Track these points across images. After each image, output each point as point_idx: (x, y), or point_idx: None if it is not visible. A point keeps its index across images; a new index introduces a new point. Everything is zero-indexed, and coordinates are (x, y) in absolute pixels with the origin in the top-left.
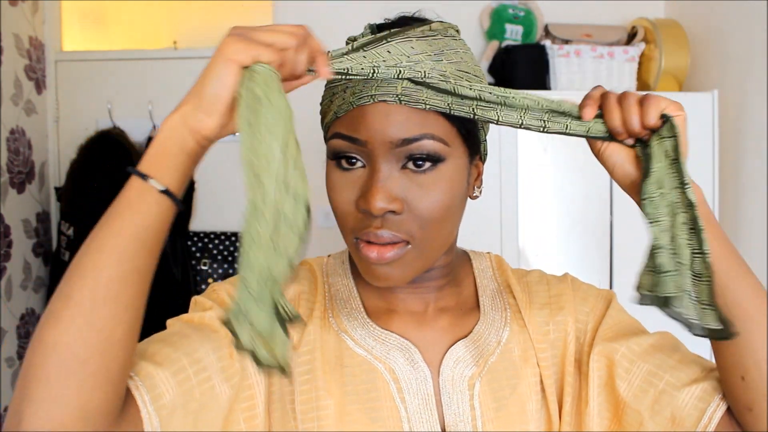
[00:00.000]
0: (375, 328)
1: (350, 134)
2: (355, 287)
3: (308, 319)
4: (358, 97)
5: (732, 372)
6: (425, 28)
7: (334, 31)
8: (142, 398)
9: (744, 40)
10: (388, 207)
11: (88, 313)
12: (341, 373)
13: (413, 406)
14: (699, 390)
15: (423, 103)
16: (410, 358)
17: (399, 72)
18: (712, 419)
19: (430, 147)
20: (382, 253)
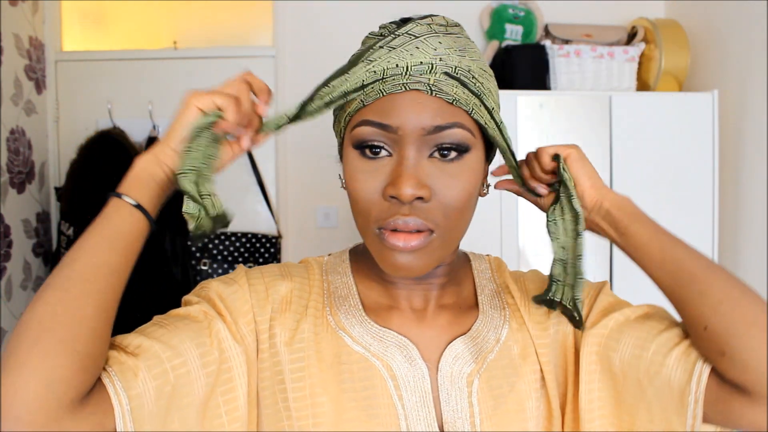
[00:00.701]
0: (373, 325)
1: (381, 120)
2: (355, 285)
3: (302, 316)
4: (390, 85)
5: (695, 326)
6: (444, 23)
7: (334, 31)
8: (111, 382)
9: (744, 40)
10: (418, 193)
11: (60, 291)
12: (338, 370)
13: (410, 403)
14: (681, 350)
15: (452, 97)
16: (408, 356)
17: (432, 67)
18: (702, 376)
19: (460, 136)
20: (409, 241)
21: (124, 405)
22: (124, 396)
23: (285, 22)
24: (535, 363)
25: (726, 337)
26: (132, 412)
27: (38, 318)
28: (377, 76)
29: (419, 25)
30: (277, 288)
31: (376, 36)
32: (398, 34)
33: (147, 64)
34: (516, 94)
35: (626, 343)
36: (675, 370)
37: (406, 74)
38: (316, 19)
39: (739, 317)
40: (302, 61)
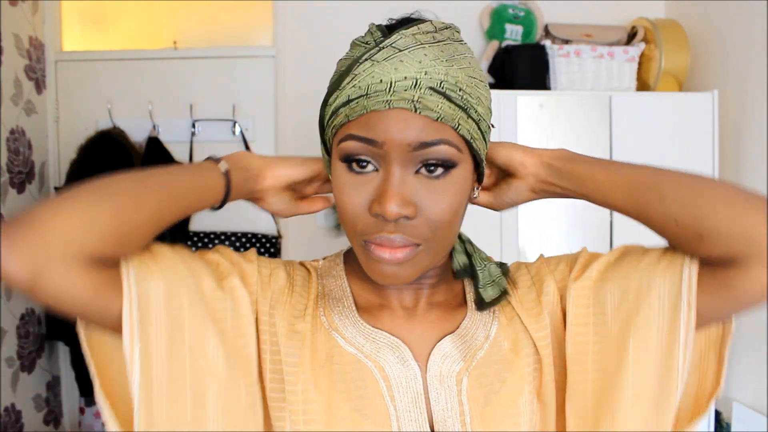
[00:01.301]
0: (365, 326)
1: (366, 135)
2: (349, 287)
3: (300, 314)
4: (373, 102)
5: (668, 227)
6: (432, 30)
7: (334, 31)
8: (127, 270)
9: (744, 40)
10: (403, 212)
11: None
12: (330, 371)
13: (402, 404)
14: (665, 263)
15: (437, 114)
16: (401, 357)
17: (416, 82)
18: (691, 277)
19: (446, 152)
20: (394, 253)
21: (134, 294)
22: (134, 287)
23: (285, 22)
24: (530, 355)
25: (697, 221)
26: (140, 306)
27: (111, 183)
28: (361, 92)
29: (404, 37)
30: (278, 278)
31: (362, 43)
32: (382, 46)
33: (147, 64)
34: (516, 94)
35: (613, 283)
36: (663, 287)
37: (390, 90)
38: (316, 19)
39: (702, 198)
40: (302, 61)
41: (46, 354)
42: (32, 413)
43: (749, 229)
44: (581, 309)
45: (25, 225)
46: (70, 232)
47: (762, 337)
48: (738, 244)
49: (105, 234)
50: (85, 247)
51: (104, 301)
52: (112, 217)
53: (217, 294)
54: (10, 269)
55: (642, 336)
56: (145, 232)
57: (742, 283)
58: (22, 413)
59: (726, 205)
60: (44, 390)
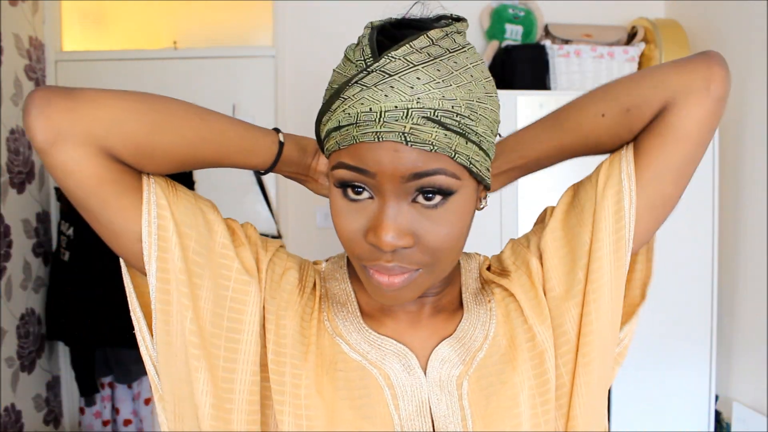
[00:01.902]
0: (370, 332)
1: (357, 165)
2: (353, 291)
3: (309, 317)
4: (362, 132)
5: (597, 127)
6: (427, 45)
7: (334, 31)
8: (148, 186)
9: (744, 40)
10: (399, 243)
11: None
12: (334, 377)
13: (407, 412)
14: (604, 166)
15: (430, 145)
16: (407, 365)
17: (407, 112)
18: (628, 160)
19: (443, 182)
20: (392, 280)
21: (153, 213)
22: (154, 205)
23: (285, 22)
24: (530, 339)
25: (618, 101)
26: (159, 227)
27: (159, 99)
28: (351, 120)
29: (394, 60)
30: (289, 279)
31: (352, 61)
32: (371, 70)
33: (147, 64)
34: (516, 94)
35: (575, 209)
36: (607, 186)
37: (379, 121)
38: (316, 19)
39: (611, 86)
40: (302, 61)
41: (46, 354)
42: (32, 413)
43: (657, 82)
44: (560, 250)
45: (67, 96)
46: (98, 119)
47: (762, 337)
48: (662, 95)
49: (128, 139)
50: (106, 140)
51: (107, 199)
52: (142, 127)
53: (228, 252)
54: (34, 127)
55: (598, 234)
56: (170, 157)
57: (681, 125)
58: (22, 413)
59: (629, 78)
60: (44, 390)
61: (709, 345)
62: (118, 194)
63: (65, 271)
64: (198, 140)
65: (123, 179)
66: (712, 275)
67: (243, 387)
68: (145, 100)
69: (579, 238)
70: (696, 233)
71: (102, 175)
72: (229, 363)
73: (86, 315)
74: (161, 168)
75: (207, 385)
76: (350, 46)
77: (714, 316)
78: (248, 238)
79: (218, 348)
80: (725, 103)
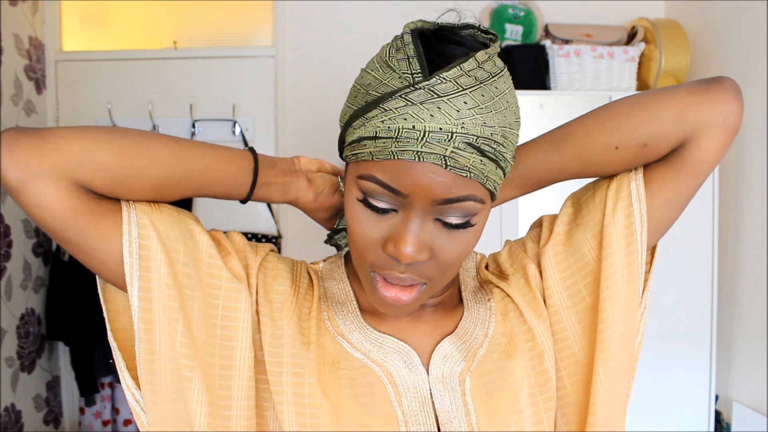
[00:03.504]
0: (371, 331)
1: (391, 185)
2: (352, 291)
3: (308, 318)
4: (402, 150)
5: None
6: (474, 67)
7: (334, 31)
8: (128, 211)
9: (744, 40)
10: (418, 257)
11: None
12: (337, 376)
13: (410, 408)
14: (614, 183)
15: (467, 171)
16: (408, 362)
17: (451, 136)
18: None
19: (470, 207)
20: (400, 295)
21: (134, 236)
22: (135, 229)
23: (285, 22)
24: (529, 339)
25: (635, 134)
26: (140, 246)
27: (125, 129)
28: (391, 134)
29: (445, 82)
30: (282, 281)
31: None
32: (419, 86)
33: (147, 64)
34: (516, 94)
35: (581, 228)
36: (617, 208)
37: (421, 141)
38: (316, 19)
39: (630, 113)
40: (302, 61)
41: (46, 354)
42: (32, 413)
43: (677, 119)
44: (561, 264)
45: (34, 135)
46: (66, 153)
47: (762, 337)
48: (676, 135)
49: (100, 168)
50: (76, 172)
51: (85, 228)
52: (111, 156)
53: (215, 262)
54: (4, 167)
55: (608, 259)
56: (145, 185)
57: (697, 158)
58: (22, 413)
59: (645, 110)
60: (44, 390)
61: (709, 345)
62: (97, 221)
63: (65, 271)
64: (173, 160)
65: (99, 206)
66: (712, 275)
67: (241, 393)
68: (112, 131)
69: (582, 257)
70: (696, 233)
71: (77, 206)
72: (226, 370)
73: (86, 315)
74: (138, 194)
75: (201, 395)
76: (388, 49)
77: (714, 316)
78: (234, 245)
79: (213, 356)
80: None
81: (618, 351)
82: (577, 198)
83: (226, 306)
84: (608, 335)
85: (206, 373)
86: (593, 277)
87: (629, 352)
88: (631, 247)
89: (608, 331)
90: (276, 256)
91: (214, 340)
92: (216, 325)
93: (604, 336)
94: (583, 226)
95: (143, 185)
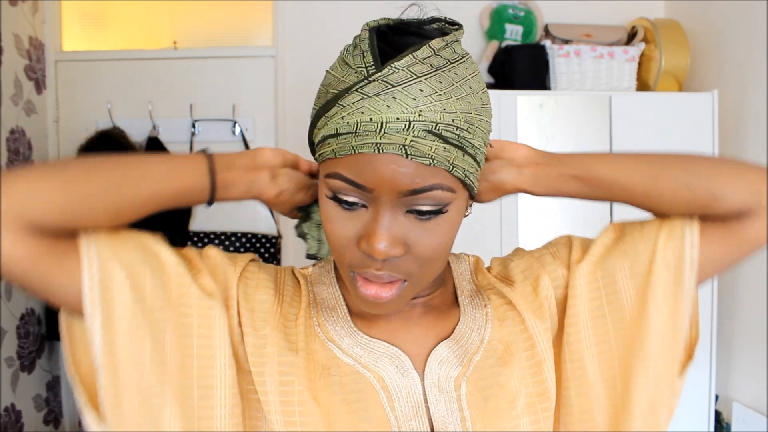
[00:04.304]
0: (362, 336)
1: (354, 180)
2: (342, 296)
3: (293, 326)
4: (361, 144)
5: (678, 192)
6: (429, 55)
7: (334, 31)
8: (87, 245)
9: (744, 40)
10: (391, 252)
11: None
12: (328, 382)
13: (403, 413)
14: (665, 232)
15: (429, 158)
16: (400, 366)
17: (409, 124)
18: (693, 233)
19: (439, 197)
20: (380, 293)
21: (95, 269)
22: (96, 261)
23: (285, 22)
24: (529, 348)
25: (710, 183)
26: (101, 279)
27: (66, 160)
28: (350, 128)
29: (397, 71)
30: (265, 290)
31: (351, 66)
32: (373, 78)
33: (147, 64)
34: (516, 94)
35: (620, 254)
36: (667, 249)
37: (380, 132)
38: (316, 19)
39: (709, 164)
40: (302, 61)
41: (46, 354)
42: (32, 413)
43: (755, 188)
44: (591, 285)
45: None
46: (10, 198)
47: (762, 337)
48: (746, 201)
49: (48, 204)
50: (26, 214)
51: (47, 272)
52: (56, 187)
53: (184, 280)
54: None
55: (653, 297)
56: (97, 210)
57: (748, 233)
58: (22, 413)
59: (730, 168)
60: (44, 390)
61: (709, 345)
62: (57, 263)
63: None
64: (115, 183)
65: (58, 246)
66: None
67: (224, 412)
68: (55, 165)
69: (613, 283)
70: None
71: (34, 252)
72: (206, 390)
73: None
74: (93, 223)
75: (175, 419)
76: (347, 48)
77: (714, 316)
78: (208, 261)
79: (190, 377)
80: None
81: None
82: (621, 227)
83: (201, 324)
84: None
85: (183, 395)
86: (619, 306)
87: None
88: (679, 287)
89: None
90: (257, 265)
91: (191, 361)
92: (192, 345)
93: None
94: (621, 253)
95: (95, 214)
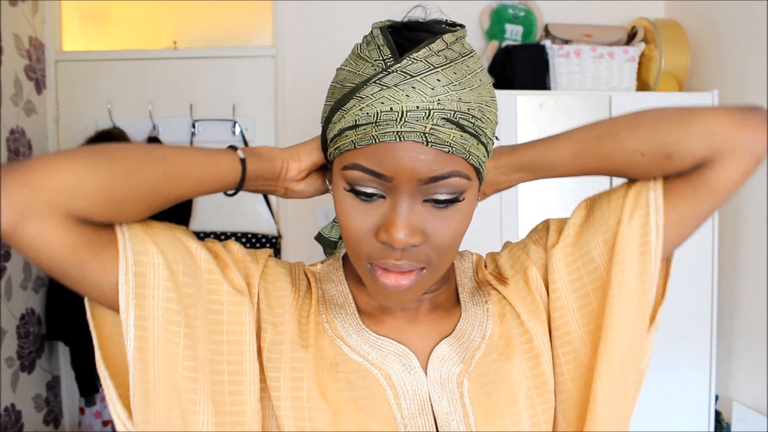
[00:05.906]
0: (370, 333)
1: (375, 169)
2: (350, 293)
3: (306, 320)
4: (382, 132)
5: (632, 162)
6: (443, 48)
7: (334, 31)
8: (123, 237)
9: (743, 40)
10: (411, 241)
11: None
12: (336, 378)
13: (409, 411)
14: (632, 190)
15: (448, 146)
16: (407, 364)
17: (428, 113)
18: (657, 196)
19: (457, 184)
20: (400, 281)
21: (131, 262)
22: (131, 255)
23: (285, 22)
24: (527, 342)
25: (661, 144)
26: (137, 273)
27: (112, 149)
28: (370, 119)
29: (416, 62)
30: (283, 285)
31: (368, 59)
32: (391, 70)
33: (147, 64)
34: (516, 94)
35: (593, 230)
36: (633, 216)
37: (400, 121)
38: (316, 19)
39: (660, 123)
40: (302, 61)
41: (46, 354)
42: (32, 413)
43: (707, 137)
44: (570, 266)
45: (19, 172)
46: (57, 186)
47: (762, 337)
48: (701, 151)
49: (93, 195)
50: (70, 204)
51: (85, 263)
52: (103, 180)
53: (215, 277)
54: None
55: (620, 265)
56: (139, 203)
57: (713, 182)
58: (22, 413)
59: (677, 122)
60: (44, 390)
61: (709, 345)
62: (96, 254)
63: None
64: (161, 177)
65: (97, 238)
66: (712, 275)
67: (253, 407)
68: (98, 153)
69: (591, 261)
70: (696, 233)
71: (75, 242)
72: (236, 386)
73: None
74: (133, 215)
75: (208, 416)
76: (359, 45)
77: (714, 316)
78: (233, 257)
79: (221, 374)
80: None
81: (621, 357)
82: (591, 202)
83: (231, 321)
84: (613, 339)
85: (214, 392)
86: (601, 282)
87: (634, 361)
88: (646, 256)
89: (614, 338)
90: (275, 261)
91: (221, 357)
92: (222, 341)
93: (609, 339)
94: (594, 229)
95: (138, 206)
